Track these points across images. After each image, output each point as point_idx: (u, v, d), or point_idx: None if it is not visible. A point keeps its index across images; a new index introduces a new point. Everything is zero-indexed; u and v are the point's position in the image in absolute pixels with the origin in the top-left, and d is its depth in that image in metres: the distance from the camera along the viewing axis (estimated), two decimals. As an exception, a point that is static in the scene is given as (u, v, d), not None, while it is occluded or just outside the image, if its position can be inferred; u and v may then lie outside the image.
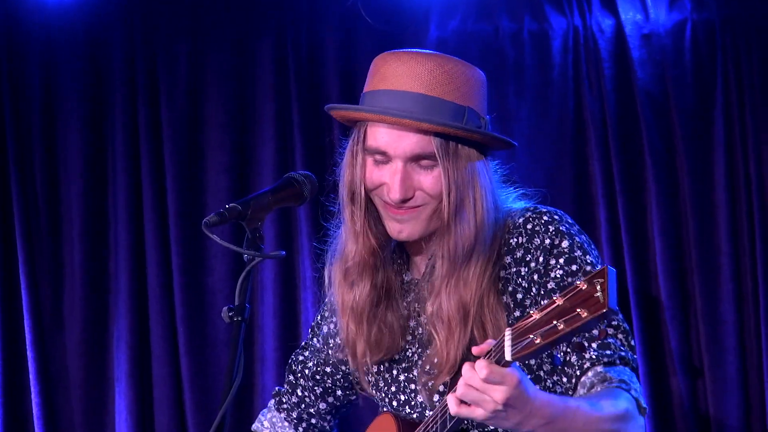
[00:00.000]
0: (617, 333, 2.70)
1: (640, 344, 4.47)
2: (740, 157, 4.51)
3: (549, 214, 2.81)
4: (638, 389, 2.66)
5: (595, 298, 2.16)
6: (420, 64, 2.79)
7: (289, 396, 3.22)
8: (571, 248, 2.75)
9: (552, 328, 2.22)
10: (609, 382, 2.63)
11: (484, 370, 2.35)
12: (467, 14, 4.67)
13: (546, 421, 2.45)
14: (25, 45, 4.78)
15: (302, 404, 3.20)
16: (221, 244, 2.58)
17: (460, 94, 2.78)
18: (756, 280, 4.46)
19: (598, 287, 2.15)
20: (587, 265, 2.74)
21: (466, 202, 2.78)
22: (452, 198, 2.77)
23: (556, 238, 2.76)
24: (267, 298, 4.69)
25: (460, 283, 2.79)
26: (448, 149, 2.77)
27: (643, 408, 2.67)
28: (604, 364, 2.65)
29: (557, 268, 2.75)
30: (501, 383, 2.35)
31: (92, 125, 4.79)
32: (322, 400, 3.19)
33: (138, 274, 4.72)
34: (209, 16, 4.79)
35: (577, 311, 2.18)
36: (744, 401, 4.45)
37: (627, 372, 2.66)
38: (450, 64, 2.80)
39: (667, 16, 4.58)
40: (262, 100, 4.77)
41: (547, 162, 4.61)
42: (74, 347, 4.75)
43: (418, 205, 2.81)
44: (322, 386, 3.18)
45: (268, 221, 2.73)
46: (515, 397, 2.37)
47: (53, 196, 4.79)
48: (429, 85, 2.77)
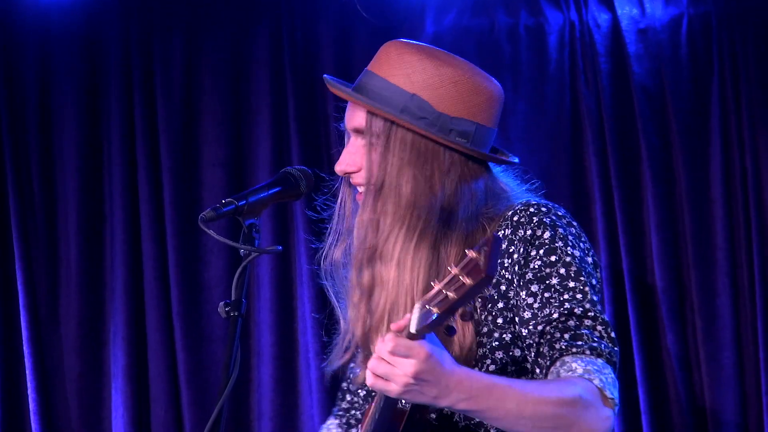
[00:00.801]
0: (595, 325, 2.66)
1: (637, 339, 4.47)
2: (736, 151, 4.51)
3: (537, 206, 2.76)
4: (606, 380, 2.57)
5: (477, 266, 2.19)
6: (397, 50, 2.81)
7: (341, 402, 3.21)
8: (552, 239, 2.72)
9: (445, 298, 2.24)
10: (574, 372, 2.57)
11: (390, 343, 2.32)
12: (463, 9, 4.67)
13: (469, 395, 2.40)
14: (20, 39, 4.77)
15: (351, 409, 3.18)
16: (218, 239, 2.58)
17: (410, 82, 2.77)
18: (752, 275, 4.46)
19: (482, 254, 2.19)
20: (567, 256, 2.70)
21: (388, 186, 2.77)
22: (375, 174, 2.78)
23: (538, 229, 2.73)
24: (263, 293, 4.69)
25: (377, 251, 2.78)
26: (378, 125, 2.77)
27: (608, 398, 2.57)
28: (572, 353, 2.60)
29: (536, 259, 2.72)
30: (408, 356, 2.32)
31: (88, 120, 4.79)
32: (366, 402, 3.17)
33: (134, 270, 4.72)
34: (205, 11, 4.78)
35: (462, 279, 2.21)
36: (740, 395, 4.46)
37: (597, 363, 2.59)
38: (428, 60, 2.78)
39: (664, 10, 4.58)
40: (258, 95, 4.77)
41: (543, 157, 4.62)
42: (70, 343, 4.75)
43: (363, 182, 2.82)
44: (366, 389, 3.17)
45: (265, 216, 2.73)
46: (426, 370, 2.33)
47: (49, 192, 4.78)
48: (386, 68, 2.79)
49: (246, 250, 2.58)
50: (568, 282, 2.68)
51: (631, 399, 4.49)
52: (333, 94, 4.59)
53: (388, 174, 2.77)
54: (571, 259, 2.70)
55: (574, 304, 2.65)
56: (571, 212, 2.87)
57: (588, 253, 2.76)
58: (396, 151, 2.77)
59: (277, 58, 4.74)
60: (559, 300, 2.66)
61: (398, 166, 2.77)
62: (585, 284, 2.68)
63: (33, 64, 4.78)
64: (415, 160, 2.78)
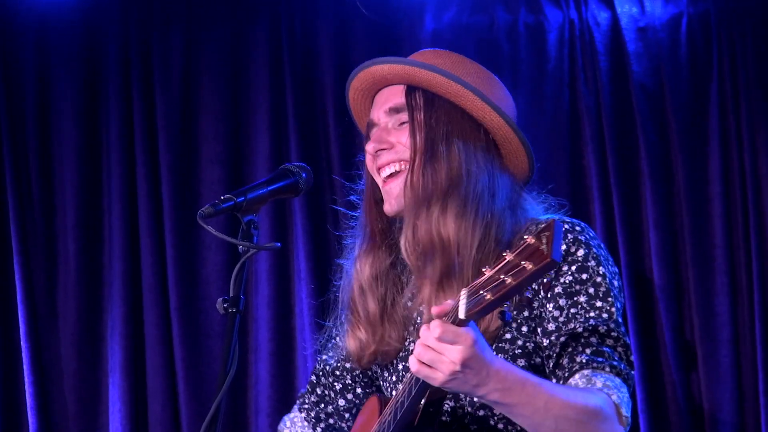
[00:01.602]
0: (617, 345, 2.69)
1: (634, 336, 4.47)
2: (735, 149, 4.51)
3: (571, 224, 2.81)
4: (622, 398, 2.62)
5: (540, 251, 2.18)
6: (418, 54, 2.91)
7: (309, 395, 3.21)
8: (585, 257, 2.75)
9: (500, 283, 2.24)
10: (593, 385, 2.61)
11: (437, 329, 2.34)
12: (463, 6, 4.67)
13: (503, 386, 2.43)
14: (19, 35, 4.77)
15: (321, 403, 3.19)
16: (216, 236, 2.58)
17: (448, 65, 2.85)
18: (750, 273, 4.47)
19: (544, 240, 2.18)
20: (598, 276, 2.74)
21: (438, 152, 2.81)
22: (418, 144, 2.81)
23: (573, 246, 2.76)
24: (261, 289, 4.69)
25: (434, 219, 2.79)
26: (418, 98, 2.84)
27: (623, 416, 2.62)
28: (593, 368, 2.64)
29: (567, 274, 2.74)
30: (455, 342, 2.34)
31: (87, 115, 4.78)
32: (341, 396, 3.17)
33: (132, 265, 4.71)
34: (204, 7, 4.78)
35: (523, 264, 2.20)
36: (738, 394, 4.46)
37: (616, 381, 2.64)
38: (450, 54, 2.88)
39: (663, 9, 4.58)
40: (256, 91, 4.76)
41: (542, 155, 4.60)
42: (68, 338, 4.74)
43: (398, 159, 2.85)
44: (342, 382, 3.16)
45: (263, 212, 2.72)
46: (471, 357, 2.35)
47: (48, 187, 4.78)
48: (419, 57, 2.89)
49: (245, 247, 2.59)
50: (596, 301, 2.70)
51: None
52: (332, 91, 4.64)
53: (436, 143, 2.81)
54: (601, 279, 2.73)
55: (599, 322, 2.67)
56: (568, 210, 2.89)
57: (615, 276, 2.79)
58: (441, 121, 2.82)
59: (276, 54, 4.74)
60: (585, 316, 2.68)
61: (445, 135, 2.81)
62: (612, 305, 2.71)
63: (32, 60, 4.77)
64: (458, 129, 2.82)
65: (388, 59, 2.88)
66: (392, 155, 2.87)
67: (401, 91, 2.88)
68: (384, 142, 2.87)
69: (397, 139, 2.86)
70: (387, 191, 2.89)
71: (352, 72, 2.99)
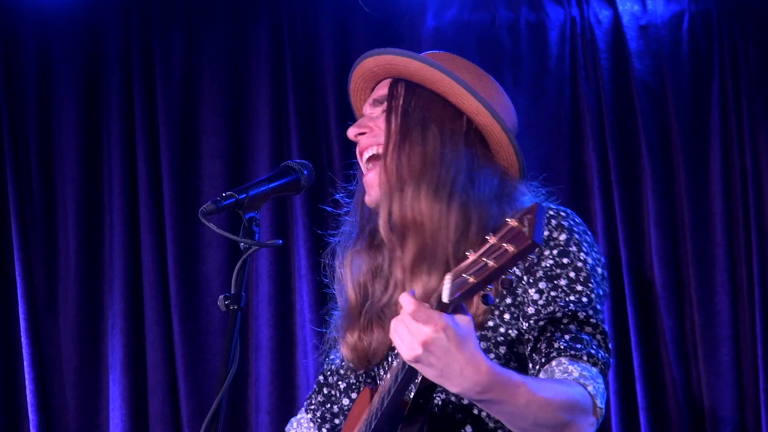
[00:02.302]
0: (595, 333, 2.68)
1: (635, 334, 4.48)
2: (736, 147, 4.52)
3: (556, 210, 2.79)
4: (598, 388, 2.60)
5: (521, 233, 2.16)
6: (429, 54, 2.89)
7: (316, 395, 3.20)
8: (567, 242, 2.74)
9: (483, 266, 2.21)
10: (569, 374, 2.60)
11: (411, 306, 2.30)
12: (464, 4, 4.67)
13: (481, 389, 2.36)
14: (20, 32, 4.77)
15: (327, 403, 3.18)
16: (217, 233, 2.58)
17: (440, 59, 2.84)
18: (751, 271, 4.47)
19: (526, 223, 2.16)
20: (579, 261, 2.73)
21: (413, 136, 2.80)
22: (394, 128, 2.81)
23: (555, 231, 2.75)
24: (262, 287, 4.69)
25: (407, 202, 2.77)
26: (401, 88, 2.84)
27: (598, 408, 2.59)
28: (570, 356, 2.62)
29: (549, 258, 2.73)
30: (426, 323, 2.29)
31: (88, 112, 4.78)
32: (345, 395, 3.16)
33: (133, 261, 4.71)
34: (204, 2, 4.78)
35: (505, 246, 2.18)
36: (738, 391, 4.47)
37: (592, 370, 2.62)
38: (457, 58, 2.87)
39: (665, 7, 4.58)
40: (257, 87, 4.76)
41: (543, 152, 4.62)
42: (68, 334, 4.74)
43: (377, 143, 2.85)
44: (347, 381, 3.15)
45: (264, 209, 2.72)
46: (437, 343, 2.30)
47: (48, 183, 4.78)
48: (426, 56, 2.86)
49: (246, 244, 2.58)
50: (576, 285, 2.69)
51: (630, 394, 4.50)
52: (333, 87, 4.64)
53: (411, 128, 2.81)
54: (582, 264, 2.72)
55: (578, 308, 2.66)
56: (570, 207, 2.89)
57: (599, 263, 2.78)
58: (418, 107, 2.82)
59: (277, 50, 4.74)
60: (564, 300, 2.67)
61: (422, 121, 2.81)
62: (592, 291, 2.70)
63: (33, 55, 4.77)
64: (435, 116, 2.82)
65: (374, 51, 2.88)
66: (370, 139, 2.86)
67: (387, 83, 2.89)
68: (363, 126, 2.87)
69: (376, 124, 2.86)
70: (367, 182, 2.88)
71: (352, 71, 2.99)
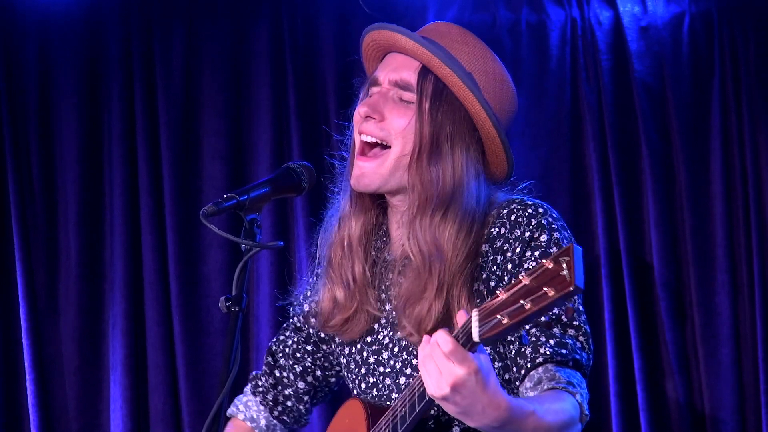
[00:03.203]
0: (578, 335, 2.69)
1: (636, 335, 4.48)
2: (737, 148, 4.52)
3: (534, 207, 2.78)
4: (584, 394, 2.63)
5: (561, 277, 2.13)
6: (459, 28, 2.87)
7: (266, 378, 3.20)
8: (548, 243, 2.73)
9: (519, 308, 2.19)
10: (557, 382, 2.61)
11: (449, 345, 2.31)
12: (465, 4, 4.67)
13: (499, 424, 2.40)
14: (20, 31, 4.76)
15: (279, 385, 3.17)
16: (219, 234, 2.58)
17: (470, 61, 2.82)
18: (751, 271, 4.48)
19: (564, 265, 2.13)
20: None
21: (443, 151, 2.78)
22: (426, 138, 2.77)
23: (536, 232, 2.74)
24: (263, 288, 4.69)
25: (435, 225, 2.76)
26: (429, 86, 2.80)
27: (584, 414, 2.62)
28: (556, 362, 2.63)
29: (531, 260, 2.72)
30: (460, 363, 2.31)
31: (88, 112, 4.78)
32: (301, 379, 3.16)
33: (133, 262, 4.71)
34: (205, 2, 4.78)
35: (544, 290, 2.15)
36: (738, 392, 4.47)
37: (577, 376, 2.64)
38: (488, 49, 2.87)
39: (665, 8, 4.58)
40: (258, 87, 4.76)
41: (544, 153, 4.62)
42: (69, 334, 4.74)
43: (381, 137, 2.81)
44: (302, 365, 3.16)
45: (265, 210, 2.72)
46: (465, 384, 2.32)
47: (49, 183, 4.78)
48: (448, 40, 2.83)
49: (247, 245, 2.58)
50: None
51: (630, 395, 4.50)
52: (335, 86, 4.64)
53: (441, 141, 2.78)
54: None
55: (561, 310, 2.66)
56: (570, 207, 2.89)
57: None
58: (447, 119, 2.79)
59: (278, 51, 4.74)
60: None
61: (450, 135, 2.78)
62: None
63: (33, 55, 4.77)
64: (461, 132, 2.80)
65: (414, 37, 2.81)
66: (377, 129, 2.82)
67: (415, 68, 2.82)
68: (377, 111, 2.82)
69: (390, 114, 2.82)
70: (359, 166, 2.85)
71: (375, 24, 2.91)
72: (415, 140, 2.79)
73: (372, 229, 2.96)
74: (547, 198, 2.90)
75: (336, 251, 2.96)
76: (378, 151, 2.85)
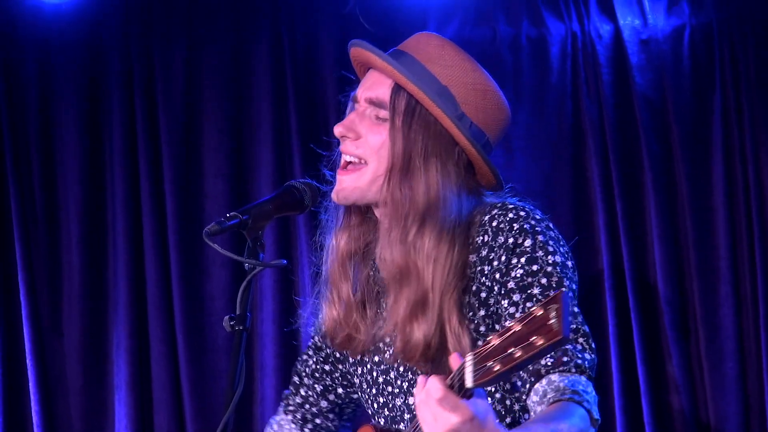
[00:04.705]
0: (577, 337, 2.66)
1: (640, 348, 4.47)
2: (738, 161, 4.52)
3: (515, 211, 2.76)
4: (591, 400, 2.59)
5: (549, 326, 2.10)
6: (438, 40, 2.86)
7: (293, 397, 3.21)
8: (533, 248, 2.71)
9: (509, 356, 2.16)
10: (562, 393, 2.58)
11: (439, 393, 2.29)
12: (465, 19, 4.68)
13: None
14: (21, 50, 4.77)
15: (306, 404, 3.19)
16: (222, 253, 2.58)
17: (446, 75, 2.79)
18: (755, 284, 4.47)
19: (553, 314, 2.09)
20: (548, 265, 2.70)
21: (414, 168, 2.77)
22: (397, 155, 2.77)
23: (519, 237, 2.72)
24: (266, 305, 4.68)
25: (409, 241, 2.75)
26: (402, 103, 2.79)
27: (594, 420, 2.59)
28: (560, 372, 2.61)
29: (518, 267, 2.71)
30: (453, 411, 2.29)
31: (90, 131, 4.78)
32: (323, 398, 3.17)
33: (137, 281, 4.71)
34: (205, 20, 4.78)
35: (532, 339, 2.12)
36: (743, 405, 4.46)
37: (581, 381, 2.61)
38: (467, 61, 2.83)
39: (666, 21, 4.58)
40: (259, 105, 4.77)
41: (545, 167, 4.62)
42: (73, 354, 4.74)
43: (357, 155, 2.82)
44: (323, 384, 3.16)
45: (267, 228, 2.72)
46: (460, 430, 2.29)
47: (51, 203, 4.78)
48: (424, 54, 2.81)
49: (251, 264, 2.58)
50: (550, 291, 2.68)
51: (635, 409, 4.49)
52: (335, 103, 4.65)
53: (414, 157, 2.78)
54: (552, 268, 2.71)
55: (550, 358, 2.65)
56: (572, 221, 2.88)
57: (568, 257, 2.77)
58: (420, 135, 2.78)
59: (279, 68, 4.74)
60: None
61: (424, 151, 2.78)
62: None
63: (34, 75, 4.78)
64: (436, 148, 2.79)
65: (383, 56, 2.82)
66: (353, 148, 2.83)
67: (389, 86, 2.82)
68: (352, 130, 2.83)
69: (366, 133, 2.82)
70: (340, 180, 2.86)
71: (352, 41, 2.96)
72: (389, 157, 2.79)
73: (364, 245, 2.96)
74: (550, 211, 2.89)
75: (331, 269, 2.97)
76: (356, 165, 2.85)
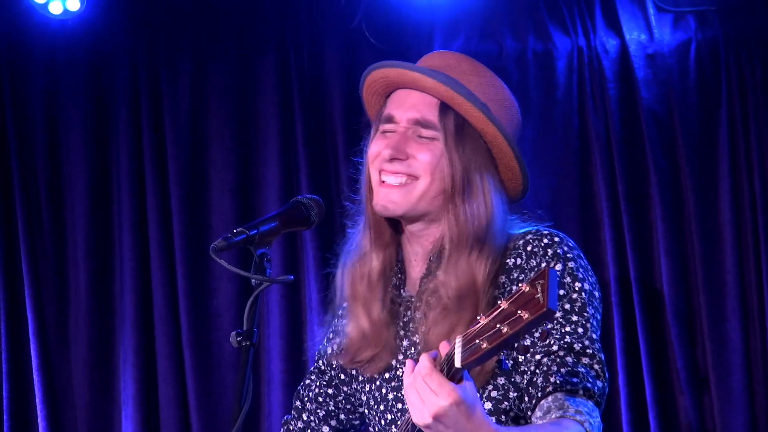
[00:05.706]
0: (593, 363, 2.67)
1: (647, 362, 4.47)
2: (745, 175, 4.52)
3: (550, 237, 2.78)
4: (594, 423, 2.60)
5: (535, 300, 2.15)
6: (467, 58, 2.86)
7: (295, 422, 3.21)
8: (562, 273, 2.73)
9: (497, 332, 2.21)
10: (565, 411, 2.59)
11: (426, 369, 2.32)
12: (471, 34, 4.68)
13: None
14: (28, 66, 4.79)
15: (308, 429, 3.18)
16: (229, 269, 2.58)
17: (483, 92, 2.81)
18: (762, 298, 4.47)
19: (539, 288, 2.15)
20: (574, 292, 2.72)
21: (474, 186, 2.78)
22: (457, 175, 2.77)
23: (552, 261, 2.74)
24: (273, 321, 4.68)
25: (472, 262, 2.76)
26: (451, 123, 2.78)
27: None
28: (566, 391, 2.62)
29: None
30: (437, 394, 2.32)
31: (96, 146, 4.80)
32: (325, 423, 3.17)
33: (143, 296, 4.72)
34: (211, 37, 4.80)
35: (519, 313, 2.18)
36: (750, 418, 4.46)
37: (588, 405, 2.61)
38: (496, 77, 2.86)
39: (672, 35, 4.59)
40: (265, 120, 4.77)
41: (552, 182, 4.62)
42: (80, 369, 4.74)
43: (408, 173, 2.80)
44: (325, 409, 3.16)
45: (274, 243, 2.72)
46: (448, 415, 2.32)
47: (58, 218, 4.79)
48: (459, 71, 2.81)
49: (258, 280, 2.57)
50: (572, 316, 2.69)
51: (642, 423, 4.49)
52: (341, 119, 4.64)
53: (473, 176, 2.78)
54: (577, 295, 2.72)
55: (574, 339, 2.65)
56: (579, 236, 2.89)
57: (595, 287, 2.78)
58: (474, 154, 2.79)
59: (285, 83, 4.75)
60: (560, 332, 2.67)
61: (479, 169, 2.78)
62: (588, 320, 2.69)
63: (41, 89, 4.79)
64: (487, 166, 2.81)
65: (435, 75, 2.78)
66: (404, 168, 2.80)
67: (434, 106, 2.80)
68: (401, 152, 2.80)
69: (414, 153, 2.80)
70: (385, 193, 2.83)
71: (388, 62, 2.89)
72: (447, 179, 2.78)
73: (391, 264, 2.95)
74: (556, 226, 2.89)
75: (358, 287, 2.94)
76: (405, 181, 2.82)
